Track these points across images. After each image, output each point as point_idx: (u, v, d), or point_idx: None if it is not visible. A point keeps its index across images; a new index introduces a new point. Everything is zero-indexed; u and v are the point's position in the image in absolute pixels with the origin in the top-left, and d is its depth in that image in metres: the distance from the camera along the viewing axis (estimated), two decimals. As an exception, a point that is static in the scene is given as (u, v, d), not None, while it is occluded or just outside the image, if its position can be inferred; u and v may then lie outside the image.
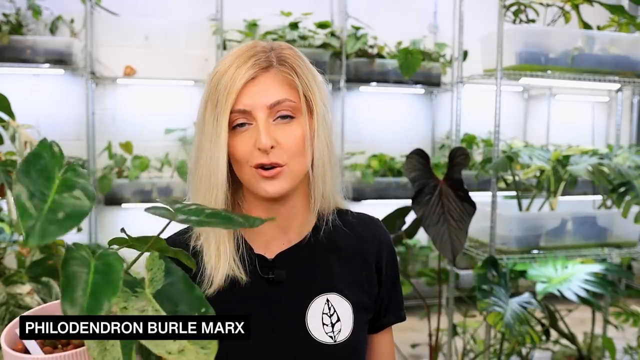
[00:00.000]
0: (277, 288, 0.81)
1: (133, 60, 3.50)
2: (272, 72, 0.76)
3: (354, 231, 0.86)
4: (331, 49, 3.55)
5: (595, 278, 2.30)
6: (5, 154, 1.83)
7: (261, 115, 0.75)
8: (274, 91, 0.75)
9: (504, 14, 2.19)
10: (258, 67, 0.75)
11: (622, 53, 2.33)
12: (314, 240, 0.84)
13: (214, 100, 0.77)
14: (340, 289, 0.82)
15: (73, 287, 0.46)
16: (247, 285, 0.79)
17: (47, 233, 0.44)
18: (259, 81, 0.75)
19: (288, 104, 0.76)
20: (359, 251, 0.86)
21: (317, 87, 0.79)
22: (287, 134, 0.75)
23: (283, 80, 0.76)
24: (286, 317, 0.78)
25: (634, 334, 2.80)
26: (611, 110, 4.47)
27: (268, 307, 0.81)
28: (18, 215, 0.45)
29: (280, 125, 0.76)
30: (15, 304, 1.67)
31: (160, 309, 0.49)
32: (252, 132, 0.75)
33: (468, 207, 2.01)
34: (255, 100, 0.75)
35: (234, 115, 0.75)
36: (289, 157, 0.75)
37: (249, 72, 0.75)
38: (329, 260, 0.84)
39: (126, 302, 0.50)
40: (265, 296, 0.81)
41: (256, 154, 0.75)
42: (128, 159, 3.38)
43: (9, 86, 3.27)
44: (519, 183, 2.61)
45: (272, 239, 0.83)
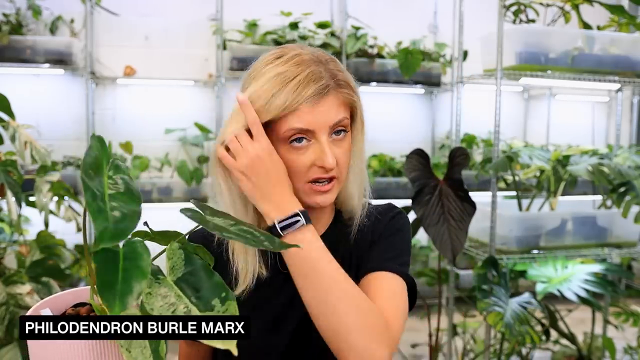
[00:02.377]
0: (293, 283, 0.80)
1: (133, 60, 3.50)
2: (337, 91, 0.79)
3: (367, 224, 0.89)
4: (331, 49, 3.55)
5: (595, 278, 2.30)
6: (5, 154, 1.83)
7: (324, 135, 0.78)
8: (335, 112, 0.79)
9: (504, 14, 2.19)
10: (324, 85, 0.77)
11: (622, 53, 2.33)
12: (333, 236, 0.87)
13: (268, 111, 0.76)
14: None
15: (106, 273, 0.49)
16: (267, 278, 0.83)
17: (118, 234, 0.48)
18: (325, 101, 0.78)
19: (344, 122, 0.80)
20: (372, 238, 0.88)
21: (359, 99, 0.84)
22: (343, 150, 0.81)
23: (344, 101, 0.80)
24: (301, 310, 0.77)
25: (634, 334, 2.80)
26: (611, 110, 4.47)
27: (284, 300, 0.84)
28: (91, 217, 0.48)
29: (336, 141, 0.80)
30: (15, 304, 1.67)
31: (182, 294, 0.52)
32: (312, 150, 0.78)
33: (468, 207, 2.01)
34: (318, 119, 0.77)
35: (292, 131, 0.77)
36: (342, 170, 0.81)
37: (318, 92, 0.77)
38: (345, 255, 0.86)
39: (150, 288, 0.52)
40: (282, 290, 0.84)
41: (315, 170, 0.79)
42: (128, 159, 3.38)
43: (9, 86, 3.27)
44: (519, 183, 2.61)
45: None
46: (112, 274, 0.49)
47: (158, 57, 3.55)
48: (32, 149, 1.76)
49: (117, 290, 0.48)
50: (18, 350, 1.67)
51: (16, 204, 1.60)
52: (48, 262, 1.92)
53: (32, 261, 1.92)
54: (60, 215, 2.03)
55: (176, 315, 0.61)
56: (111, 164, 0.58)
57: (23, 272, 1.80)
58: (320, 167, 0.78)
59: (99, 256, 0.50)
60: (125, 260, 0.51)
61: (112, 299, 0.48)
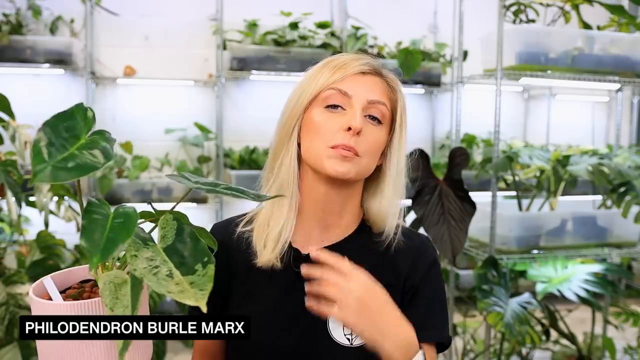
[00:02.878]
0: (305, 283, 0.80)
1: (133, 60, 3.50)
2: (380, 78, 0.85)
3: (396, 244, 0.88)
4: (331, 49, 3.55)
5: (595, 278, 2.30)
6: (5, 154, 1.83)
7: (359, 104, 0.81)
8: (377, 92, 0.83)
9: (504, 14, 2.19)
10: (372, 67, 0.85)
11: (622, 53, 2.33)
12: (353, 245, 0.87)
13: (314, 81, 0.83)
14: None
15: (92, 230, 0.53)
16: (280, 273, 0.84)
17: (55, 176, 0.51)
18: (368, 78, 0.84)
19: (382, 108, 0.83)
20: (393, 263, 0.87)
21: (405, 114, 0.88)
22: (372, 132, 0.82)
23: (386, 89, 0.85)
24: (309, 312, 0.77)
25: (634, 334, 2.80)
26: (611, 110, 4.47)
27: (294, 299, 0.83)
28: (31, 157, 0.52)
29: (368, 122, 0.82)
30: (15, 303, 1.67)
31: (167, 259, 0.56)
32: (343, 116, 0.81)
33: (468, 207, 2.01)
34: (359, 89, 0.82)
35: (332, 92, 0.82)
36: (365, 151, 0.81)
37: (364, 67, 0.84)
38: (365, 263, 0.81)
39: (137, 251, 0.56)
40: (293, 288, 0.84)
41: (341, 134, 0.80)
42: (128, 159, 3.38)
43: (9, 86, 3.27)
44: (519, 183, 2.61)
45: (312, 233, 0.87)
46: (98, 230, 0.52)
47: (158, 57, 3.54)
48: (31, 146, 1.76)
49: (100, 247, 0.51)
50: (18, 350, 1.67)
51: (16, 204, 1.60)
52: (48, 262, 1.93)
53: (32, 261, 1.92)
54: (60, 215, 2.03)
55: (176, 315, 0.61)
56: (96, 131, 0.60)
57: (23, 272, 1.80)
58: (346, 131, 0.79)
59: (87, 216, 0.54)
60: (114, 219, 0.55)
61: (93, 252, 0.50)
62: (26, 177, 1.81)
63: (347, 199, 0.86)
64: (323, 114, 0.82)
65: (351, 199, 0.87)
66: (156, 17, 3.57)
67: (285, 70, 3.44)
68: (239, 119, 3.66)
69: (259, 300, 0.86)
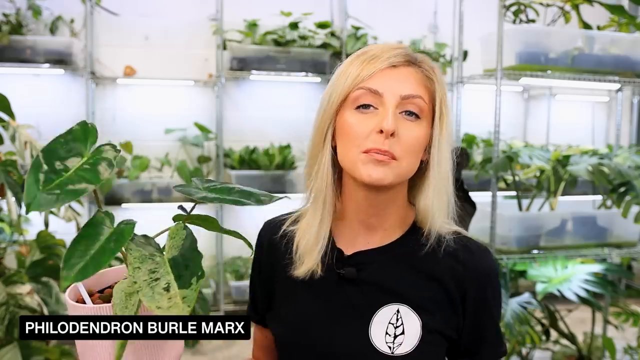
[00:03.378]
0: (348, 285, 0.80)
1: (133, 60, 3.50)
2: (414, 68, 0.77)
3: (449, 253, 0.80)
4: (331, 49, 3.55)
5: (595, 278, 2.30)
6: (5, 154, 1.83)
7: (391, 101, 0.74)
8: (412, 85, 0.75)
9: (504, 14, 2.19)
10: (403, 58, 0.77)
11: (622, 53, 2.33)
12: (400, 249, 0.81)
13: (343, 80, 0.77)
14: (414, 304, 0.78)
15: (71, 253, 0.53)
16: (321, 276, 0.80)
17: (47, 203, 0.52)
18: (399, 70, 0.76)
19: (419, 102, 0.75)
20: (445, 274, 0.80)
21: (448, 102, 0.79)
22: (410, 130, 0.75)
23: (422, 79, 0.77)
24: (351, 316, 0.78)
25: (634, 334, 2.80)
26: (611, 110, 4.47)
27: (335, 302, 0.81)
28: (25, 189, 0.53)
29: (404, 120, 0.75)
30: (15, 303, 1.67)
31: (170, 271, 0.56)
32: (376, 116, 0.74)
33: (468, 207, 2.00)
34: (391, 85, 0.75)
35: (362, 92, 0.75)
36: (403, 152, 0.74)
37: (393, 59, 0.76)
38: (410, 272, 0.80)
39: (141, 263, 0.56)
40: (334, 291, 0.81)
41: (373, 138, 0.73)
42: (128, 159, 3.38)
43: (9, 86, 3.27)
44: (519, 183, 2.61)
45: (358, 236, 0.82)
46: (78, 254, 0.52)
47: (158, 57, 3.54)
48: (32, 149, 1.76)
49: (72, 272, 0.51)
50: (18, 350, 1.67)
51: (16, 204, 1.60)
52: (48, 262, 1.93)
53: (32, 261, 1.92)
54: (60, 215, 2.03)
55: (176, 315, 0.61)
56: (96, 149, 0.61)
57: (23, 272, 1.80)
58: (379, 134, 0.73)
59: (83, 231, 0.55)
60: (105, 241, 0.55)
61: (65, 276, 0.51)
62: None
63: (389, 202, 0.80)
64: (354, 116, 0.76)
65: (395, 200, 0.81)
66: (156, 17, 3.56)
67: (285, 70, 3.44)
68: (239, 119, 3.66)
69: (300, 300, 0.84)
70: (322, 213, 0.79)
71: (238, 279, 3.50)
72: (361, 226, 0.82)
